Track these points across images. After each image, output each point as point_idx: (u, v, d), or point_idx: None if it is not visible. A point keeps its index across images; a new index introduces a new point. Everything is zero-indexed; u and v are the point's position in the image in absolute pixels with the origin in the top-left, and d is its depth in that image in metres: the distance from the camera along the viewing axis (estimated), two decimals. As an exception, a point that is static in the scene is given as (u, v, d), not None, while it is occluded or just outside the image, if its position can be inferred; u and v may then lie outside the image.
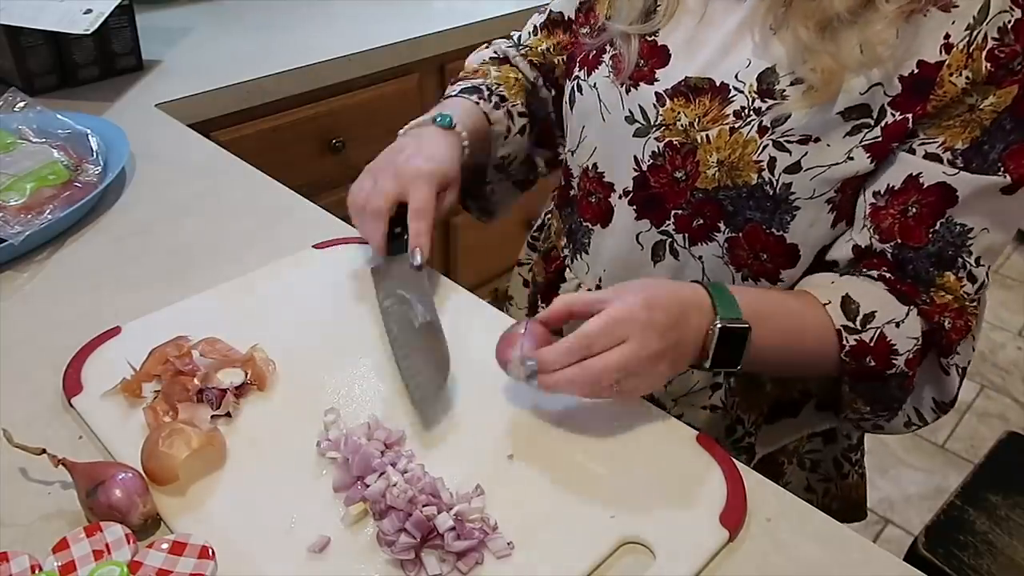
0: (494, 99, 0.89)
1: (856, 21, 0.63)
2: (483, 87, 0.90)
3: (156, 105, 1.22)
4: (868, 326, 0.67)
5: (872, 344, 0.67)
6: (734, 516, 0.58)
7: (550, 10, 0.93)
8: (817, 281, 0.72)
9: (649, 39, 0.75)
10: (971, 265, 0.68)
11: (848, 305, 0.68)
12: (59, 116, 1.01)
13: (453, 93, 0.90)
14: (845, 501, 0.94)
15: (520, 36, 0.98)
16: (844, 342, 0.67)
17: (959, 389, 0.73)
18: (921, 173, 0.66)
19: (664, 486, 0.60)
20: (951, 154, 0.65)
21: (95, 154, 0.97)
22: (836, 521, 0.59)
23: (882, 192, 0.68)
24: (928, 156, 0.66)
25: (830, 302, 0.68)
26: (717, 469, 0.61)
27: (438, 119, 0.82)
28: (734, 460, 0.62)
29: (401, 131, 0.85)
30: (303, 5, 1.67)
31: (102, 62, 1.29)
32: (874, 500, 1.84)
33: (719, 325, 0.63)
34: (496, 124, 0.89)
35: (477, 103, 0.88)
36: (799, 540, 0.58)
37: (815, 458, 0.92)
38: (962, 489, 1.03)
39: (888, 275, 0.69)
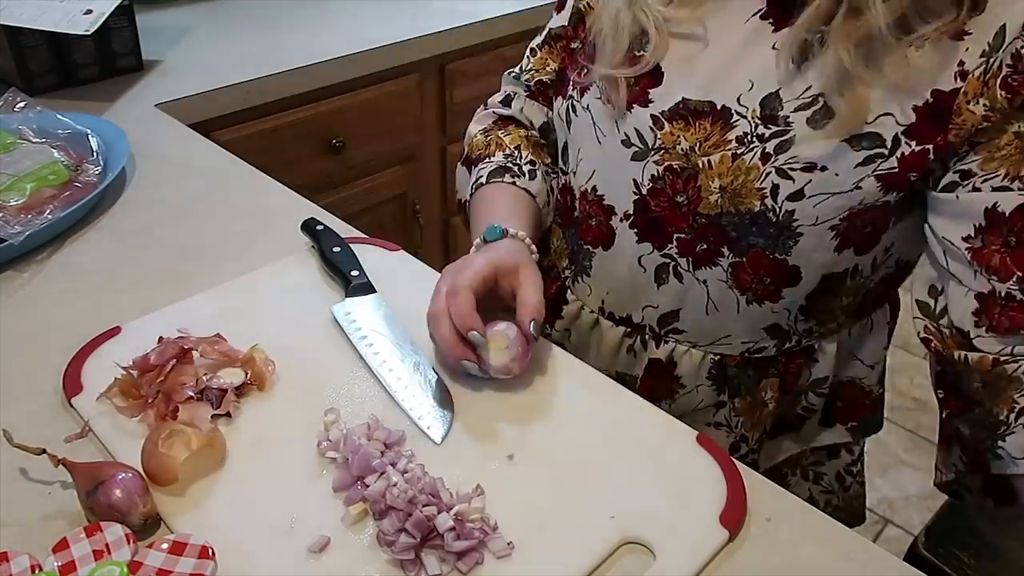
0: (526, 168, 0.84)
1: (894, 42, 0.61)
2: (509, 164, 0.85)
3: (156, 105, 1.22)
4: None
5: None
6: (734, 516, 0.57)
7: (549, 28, 0.89)
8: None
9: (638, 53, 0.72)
10: None
11: None
12: (59, 116, 1.01)
13: (482, 181, 0.84)
14: (846, 510, 0.94)
15: (519, 69, 0.93)
16: None
17: None
18: (997, 203, 0.63)
19: (664, 486, 0.60)
20: (1020, 182, 0.62)
21: (95, 154, 0.97)
22: (836, 521, 0.59)
23: (972, 235, 0.65)
24: (997, 189, 0.63)
25: None
26: (717, 469, 0.61)
27: (487, 235, 0.75)
28: (734, 460, 0.62)
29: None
30: (303, 5, 1.67)
31: (102, 62, 1.29)
32: (874, 500, 1.84)
33: None
34: (539, 195, 0.84)
35: (513, 183, 0.83)
36: (799, 540, 0.58)
37: (818, 471, 0.92)
38: (962, 489, 1.03)
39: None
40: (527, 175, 0.85)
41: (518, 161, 0.86)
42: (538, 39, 0.91)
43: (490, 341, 0.66)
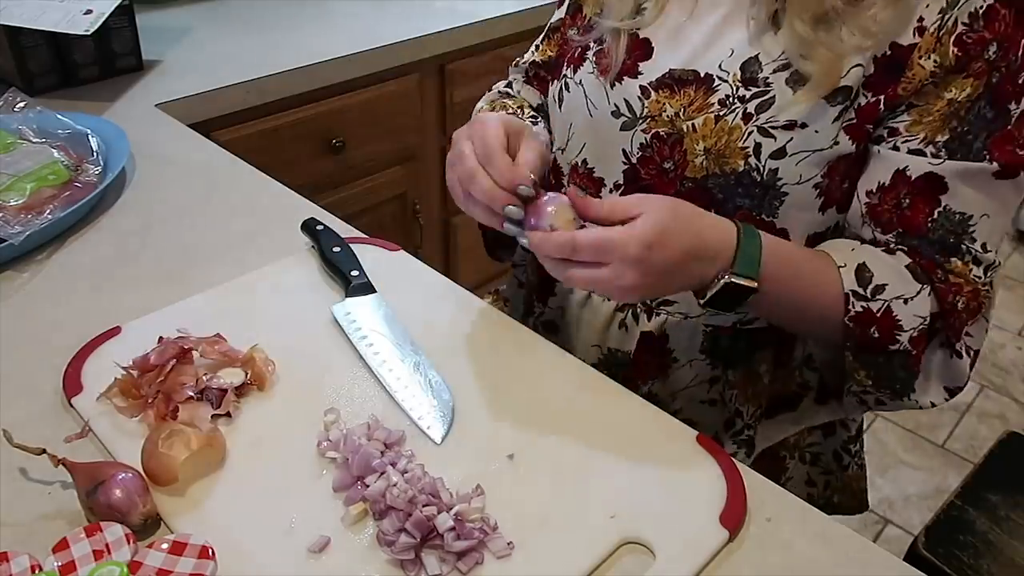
0: (528, 122, 0.88)
1: (849, 10, 0.65)
2: (515, 110, 0.89)
3: (156, 105, 1.22)
4: (877, 297, 0.67)
5: (878, 315, 0.67)
6: (734, 516, 0.58)
7: (549, 24, 0.94)
8: (838, 245, 0.72)
9: (631, 32, 0.77)
10: (976, 251, 0.68)
11: (862, 272, 0.68)
12: (59, 116, 1.01)
13: (484, 107, 0.89)
14: (846, 492, 0.94)
15: (521, 59, 0.98)
16: (850, 307, 0.68)
17: (971, 372, 0.72)
18: (907, 167, 0.68)
19: (664, 486, 0.60)
20: (934, 147, 0.66)
21: (95, 154, 0.97)
22: (836, 521, 0.59)
23: (874, 191, 0.70)
24: (912, 152, 0.67)
25: (845, 265, 0.69)
26: (717, 469, 0.61)
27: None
28: (734, 460, 0.62)
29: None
30: (303, 5, 1.67)
31: (102, 62, 1.29)
32: (874, 500, 1.84)
33: (726, 279, 0.63)
34: (540, 135, 0.87)
35: (515, 114, 0.87)
36: (799, 540, 0.58)
37: (816, 451, 0.92)
38: (962, 489, 1.03)
39: (906, 249, 0.70)
40: (529, 117, 0.88)
41: (522, 117, 0.89)
42: (541, 35, 0.95)
43: (557, 214, 0.63)
